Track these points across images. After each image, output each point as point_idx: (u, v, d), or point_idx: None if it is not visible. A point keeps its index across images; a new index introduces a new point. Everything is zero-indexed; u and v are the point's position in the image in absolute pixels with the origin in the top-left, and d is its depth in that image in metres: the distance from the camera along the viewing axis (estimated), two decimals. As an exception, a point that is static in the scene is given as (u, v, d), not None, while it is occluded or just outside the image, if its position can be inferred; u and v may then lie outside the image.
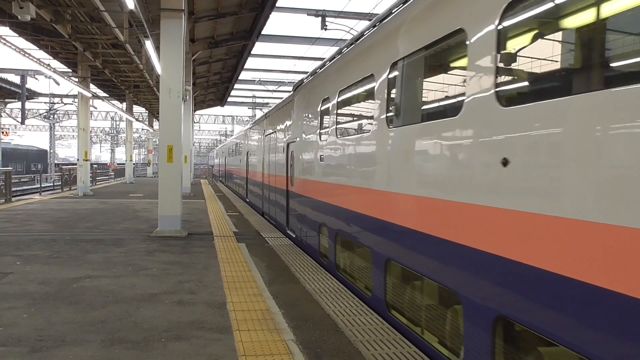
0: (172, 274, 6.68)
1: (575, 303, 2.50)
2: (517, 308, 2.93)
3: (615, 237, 2.29)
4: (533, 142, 2.86)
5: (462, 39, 3.58)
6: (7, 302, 5.23)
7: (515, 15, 3.10)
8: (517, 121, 2.96)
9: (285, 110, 11.11)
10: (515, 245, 2.95)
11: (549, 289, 2.67)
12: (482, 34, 3.32)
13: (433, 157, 4.06)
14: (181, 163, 10.40)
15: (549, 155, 2.75)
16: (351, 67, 6.31)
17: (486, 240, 3.23)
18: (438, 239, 3.87)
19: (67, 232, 10.27)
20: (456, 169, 3.67)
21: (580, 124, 2.53)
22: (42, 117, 47.62)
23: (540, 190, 2.78)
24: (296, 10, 19.47)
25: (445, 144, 3.86)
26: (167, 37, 10.11)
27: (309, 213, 8.37)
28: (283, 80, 33.71)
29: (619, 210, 2.28)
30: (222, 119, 61.35)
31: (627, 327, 2.21)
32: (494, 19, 3.18)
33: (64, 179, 23.68)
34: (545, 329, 2.70)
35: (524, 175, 2.92)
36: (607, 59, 2.53)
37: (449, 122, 3.76)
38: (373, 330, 4.56)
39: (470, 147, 3.48)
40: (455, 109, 3.66)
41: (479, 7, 3.40)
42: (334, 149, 6.84)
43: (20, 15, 10.60)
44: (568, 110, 2.61)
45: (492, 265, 3.17)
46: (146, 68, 20.37)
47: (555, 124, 2.68)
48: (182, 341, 4.23)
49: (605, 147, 2.39)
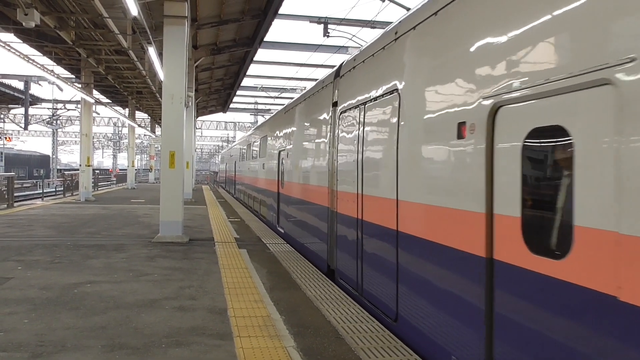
0: (173, 280, 6.67)
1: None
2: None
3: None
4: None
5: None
6: (8, 307, 5.23)
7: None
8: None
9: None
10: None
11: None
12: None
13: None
14: (183, 169, 10.42)
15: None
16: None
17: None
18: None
19: (68, 237, 10.28)
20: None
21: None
22: (45, 122, 47.81)
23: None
24: (298, 18, 19.54)
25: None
26: (170, 44, 10.17)
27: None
28: (285, 87, 33.81)
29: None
30: (224, 125, 61.48)
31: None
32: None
33: (66, 185, 23.72)
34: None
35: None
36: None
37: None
38: (375, 337, 4.55)
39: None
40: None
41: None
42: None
43: (24, 21, 10.68)
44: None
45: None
46: (149, 74, 20.47)
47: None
48: (182, 347, 4.22)
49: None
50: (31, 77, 29.56)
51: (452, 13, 3.89)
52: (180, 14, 10.18)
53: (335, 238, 7.03)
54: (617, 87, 2.29)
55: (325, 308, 5.46)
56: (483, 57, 3.39)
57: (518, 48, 3.01)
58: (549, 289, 2.72)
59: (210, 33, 17.78)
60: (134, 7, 9.90)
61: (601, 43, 2.41)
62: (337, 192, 6.87)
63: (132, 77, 23.30)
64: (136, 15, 10.64)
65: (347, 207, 6.44)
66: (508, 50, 3.11)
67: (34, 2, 11.19)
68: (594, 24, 2.46)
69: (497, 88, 3.17)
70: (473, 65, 3.49)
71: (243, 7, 15.78)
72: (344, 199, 6.56)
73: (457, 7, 3.82)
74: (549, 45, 2.78)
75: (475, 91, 3.42)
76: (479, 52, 3.44)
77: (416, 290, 4.33)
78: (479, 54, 3.44)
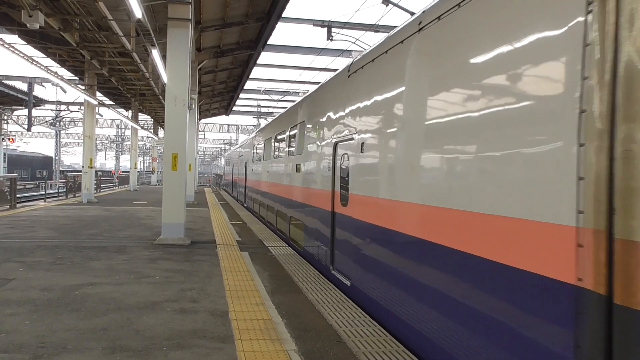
0: (175, 282, 6.66)
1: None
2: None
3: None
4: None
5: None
6: (10, 309, 5.22)
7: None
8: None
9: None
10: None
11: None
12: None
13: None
14: (185, 171, 10.43)
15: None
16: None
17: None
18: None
19: (70, 238, 10.28)
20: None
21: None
22: (48, 124, 47.95)
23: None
24: (302, 21, 19.59)
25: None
26: (174, 46, 10.19)
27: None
28: (288, 90, 33.86)
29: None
30: (227, 128, 61.59)
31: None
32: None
33: (69, 186, 23.75)
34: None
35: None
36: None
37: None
38: (376, 341, 4.53)
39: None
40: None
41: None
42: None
43: (29, 23, 10.72)
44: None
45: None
46: (152, 76, 20.53)
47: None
48: (183, 350, 4.21)
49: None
50: (35, 78, 29.63)
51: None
52: (184, 17, 10.20)
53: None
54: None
55: (326, 311, 5.44)
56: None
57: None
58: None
59: (213, 36, 17.83)
60: (138, 9, 9.94)
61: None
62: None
63: (135, 79, 23.37)
64: (140, 18, 10.68)
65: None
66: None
67: (39, 4, 11.25)
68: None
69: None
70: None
71: (247, 10, 15.82)
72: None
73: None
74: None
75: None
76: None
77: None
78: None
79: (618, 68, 2.50)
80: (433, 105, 4.34)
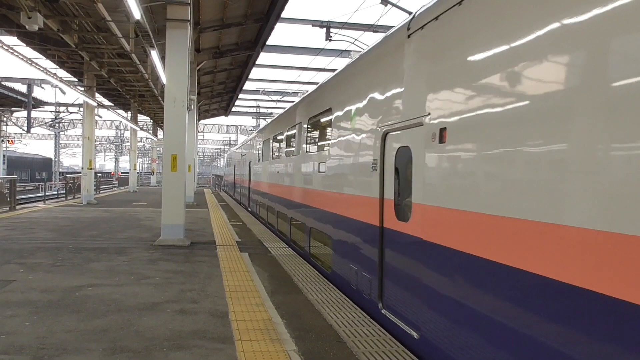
0: (175, 283, 6.67)
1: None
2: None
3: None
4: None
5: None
6: (10, 310, 5.23)
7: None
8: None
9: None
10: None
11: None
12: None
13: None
14: (185, 172, 10.44)
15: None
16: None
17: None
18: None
19: (70, 240, 10.28)
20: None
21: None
22: (47, 125, 47.96)
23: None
24: (301, 22, 19.59)
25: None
26: (173, 47, 10.20)
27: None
28: (287, 91, 33.85)
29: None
30: (226, 129, 61.57)
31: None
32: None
33: (68, 188, 23.76)
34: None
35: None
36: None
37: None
38: (376, 341, 4.54)
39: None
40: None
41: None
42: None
43: (28, 25, 10.72)
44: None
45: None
46: (151, 77, 20.54)
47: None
48: (183, 350, 4.22)
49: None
50: (34, 80, 29.64)
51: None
52: (183, 18, 10.21)
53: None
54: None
55: (326, 312, 5.45)
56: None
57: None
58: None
59: (212, 36, 17.83)
60: (136, 10, 9.93)
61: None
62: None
63: (134, 80, 23.38)
64: (139, 19, 10.68)
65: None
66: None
67: (37, 6, 11.26)
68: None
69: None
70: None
71: (245, 11, 15.82)
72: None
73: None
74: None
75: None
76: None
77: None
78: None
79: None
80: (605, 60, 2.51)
